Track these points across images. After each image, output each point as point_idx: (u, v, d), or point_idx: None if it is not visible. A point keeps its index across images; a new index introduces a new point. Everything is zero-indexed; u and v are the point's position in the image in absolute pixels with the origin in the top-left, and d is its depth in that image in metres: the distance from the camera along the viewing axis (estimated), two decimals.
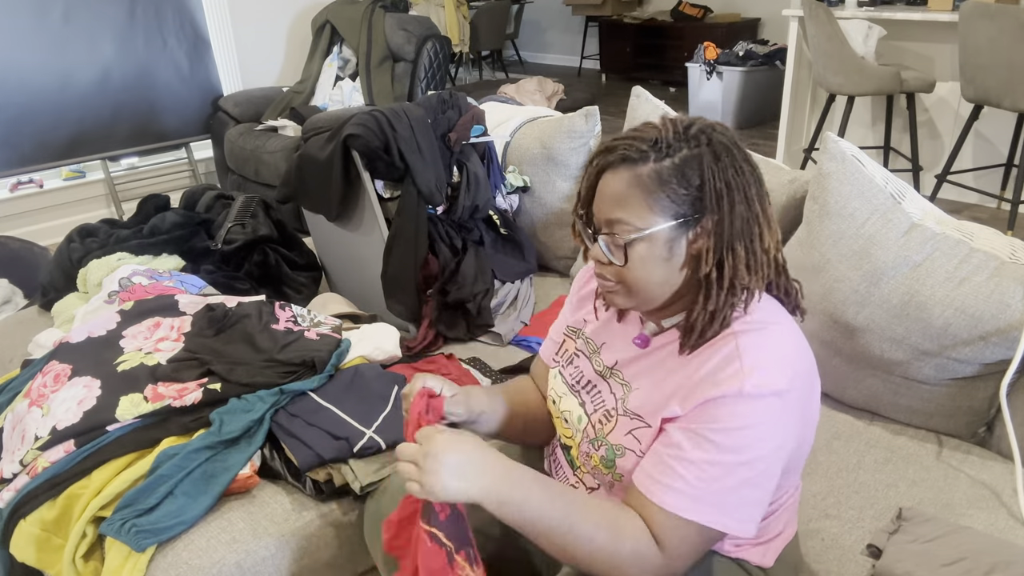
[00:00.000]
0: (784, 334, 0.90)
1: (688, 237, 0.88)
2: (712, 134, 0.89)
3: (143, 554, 1.18)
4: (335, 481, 1.30)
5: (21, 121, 3.42)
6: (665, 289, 0.91)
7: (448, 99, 1.97)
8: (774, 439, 0.86)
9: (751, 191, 0.88)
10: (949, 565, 1.05)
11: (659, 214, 0.87)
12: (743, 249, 0.88)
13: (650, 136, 0.89)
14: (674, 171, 0.87)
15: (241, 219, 2.05)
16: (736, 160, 0.88)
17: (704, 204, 0.87)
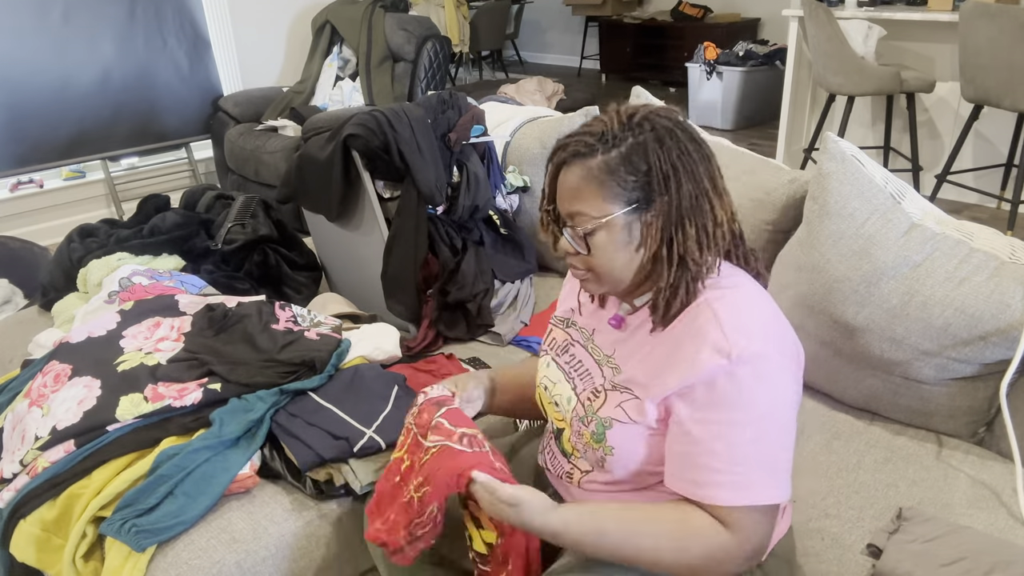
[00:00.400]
0: (752, 294, 0.95)
1: (643, 220, 0.93)
2: (655, 119, 0.93)
3: (143, 554, 1.18)
4: (335, 481, 1.30)
5: (21, 121, 3.42)
6: (629, 272, 0.96)
7: (448, 99, 1.97)
8: (779, 392, 0.90)
9: (698, 169, 0.93)
10: (949, 565, 1.05)
11: (612, 202, 0.92)
12: (692, 226, 0.92)
13: (597, 130, 0.94)
14: (621, 160, 0.92)
15: (241, 219, 2.05)
16: (680, 141, 0.92)
17: (652, 188, 0.92)
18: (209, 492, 1.25)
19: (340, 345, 1.56)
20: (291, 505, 1.31)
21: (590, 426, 1.00)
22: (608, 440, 0.98)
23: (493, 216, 2.02)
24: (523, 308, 1.92)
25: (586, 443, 1.01)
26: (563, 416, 1.07)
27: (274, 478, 1.36)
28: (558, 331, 1.15)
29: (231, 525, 1.25)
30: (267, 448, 1.35)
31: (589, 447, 1.00)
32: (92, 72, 3.56)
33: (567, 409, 1.06)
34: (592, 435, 1.00)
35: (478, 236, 1.98)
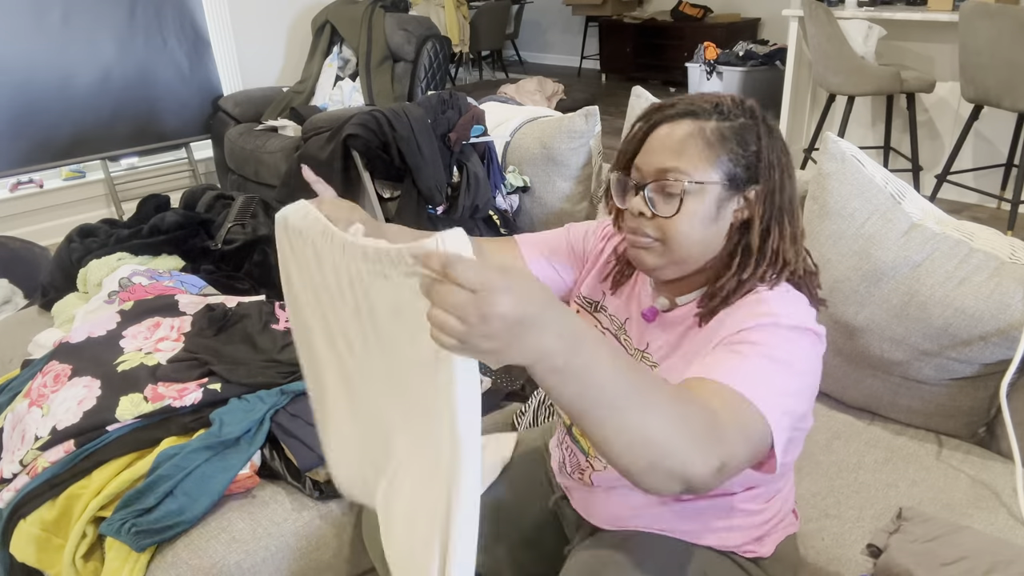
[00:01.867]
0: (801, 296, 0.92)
1: (737, 203, 0.90)
2: (766, 113, 0.93)
3: (143, 554, 1.18)
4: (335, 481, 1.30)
5: (21, 121, 3.42)
6: (702, 252, 0.91)
7: (448, 99, 1.97)
8: (811, 364, 0.86)
9: (794, 174, 0.92)
10: (949, 564, 1.05)
11: (716, 169, 0.89)
12: (788, 223, 0.91)
13: (711, 99, 0.92)
14: (734, 133, 0.89)
15: (241, 219, 2.05)
16: (782, 142, 0.93)
17: (758, 171, 0.90)
18: (209, 492, 1.25)
19: None
20: (291, 505, 1.31)
21: None
22: None
23: (493, 216, 2.02)
24: None
25: None
26: None
27: (274, 478, 1.35)
28: (585, 314, 1.08)
29: (231, 525, 1.25)
30: (267, 448, 1.35)
31: None
32: (92, 72, 3.56)
33: None
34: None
35: (478, 236, 1.98)
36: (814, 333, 0.87)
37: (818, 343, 0.88)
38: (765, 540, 1.02)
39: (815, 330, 0.87)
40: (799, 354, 0.84)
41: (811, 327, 0.87)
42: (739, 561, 1.00)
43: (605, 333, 1.05)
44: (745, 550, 1.00)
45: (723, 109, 0.91)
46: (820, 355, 0.88)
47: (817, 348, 0.87)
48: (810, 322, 0.87)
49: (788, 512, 1.06)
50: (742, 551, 1.00)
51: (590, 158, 2.09)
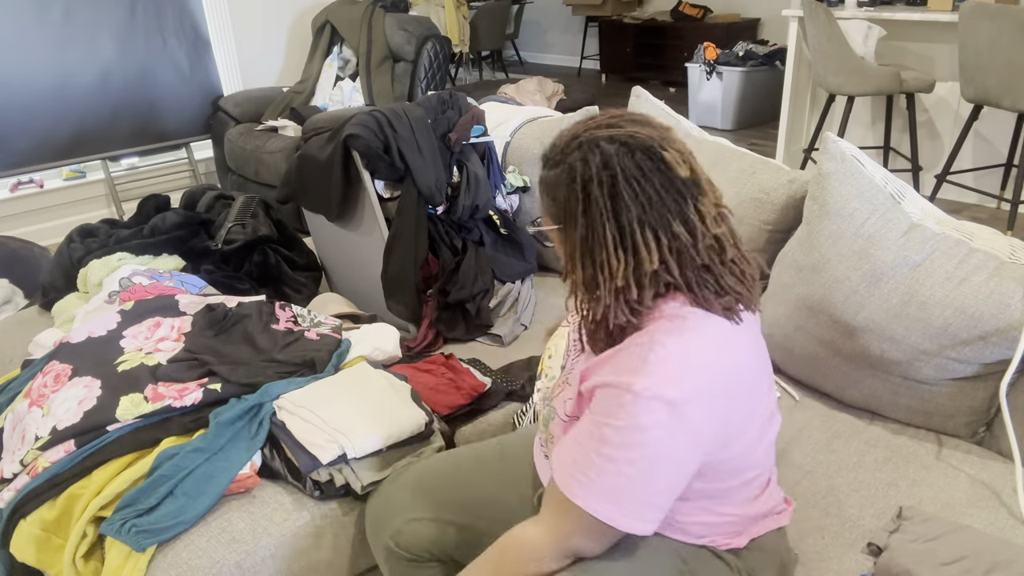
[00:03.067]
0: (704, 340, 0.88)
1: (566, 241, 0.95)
2: (588, 150, 0.89)
3: (143, 554, 1.18)
4: (335, 481, 1.30)
5: (21, 121, 3.42)
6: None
7: (448, 99, 1.97)
8: (667, 447, 0.86)
9: (602, 215, 0.89)
10: (949, 564, 1.05)
11: (549, 215, 0.97)
12: (584, 270, 0.94)
13: (556, 142, 0.95)
14: (549, 183, 0.95)
15: (241, 219, 2.05)
16: (592, 181, 0.89)
17: (563, 219, 0.94)
18: (209, 492, 1.25)
19: (340, 345, 1.56)
20: (291, 505, 1.31)
21: (545, 410, 1.08)
22: (551, 429, 1.05)
23: (493, 216, 2.02)
24: (524, 311, 1.92)
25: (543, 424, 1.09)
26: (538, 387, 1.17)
27: (274, 478, 1.36)
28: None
29: (231, 525, 1.25)
30: (267, 448, 1.35)
31: (543, 430, 1.09)
32: (92, 72, 3.56)
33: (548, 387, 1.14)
34: (544, 420, 1.08)
35: (478, 236, 1.98)
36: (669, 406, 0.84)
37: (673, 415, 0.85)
38: (743, 534, 1.02)
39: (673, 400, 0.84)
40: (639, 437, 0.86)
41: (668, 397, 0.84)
42: (717, 552, 1.01)
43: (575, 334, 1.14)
44: (720, 544, 1.01)
45: (554, 155, 0.94)
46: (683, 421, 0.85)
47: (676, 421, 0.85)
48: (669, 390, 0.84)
49: (770, 510, 1.05)
50: (718, 544, 1.01)
51: None
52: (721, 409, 0.89)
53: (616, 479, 0.87)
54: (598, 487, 0.88)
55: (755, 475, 1.00)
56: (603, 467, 0.88)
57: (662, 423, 0.85)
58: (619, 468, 0.87)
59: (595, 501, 0.89)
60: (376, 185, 1.85)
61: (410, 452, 1.36)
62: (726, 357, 0.89)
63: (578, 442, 0.92)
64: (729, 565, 1.00)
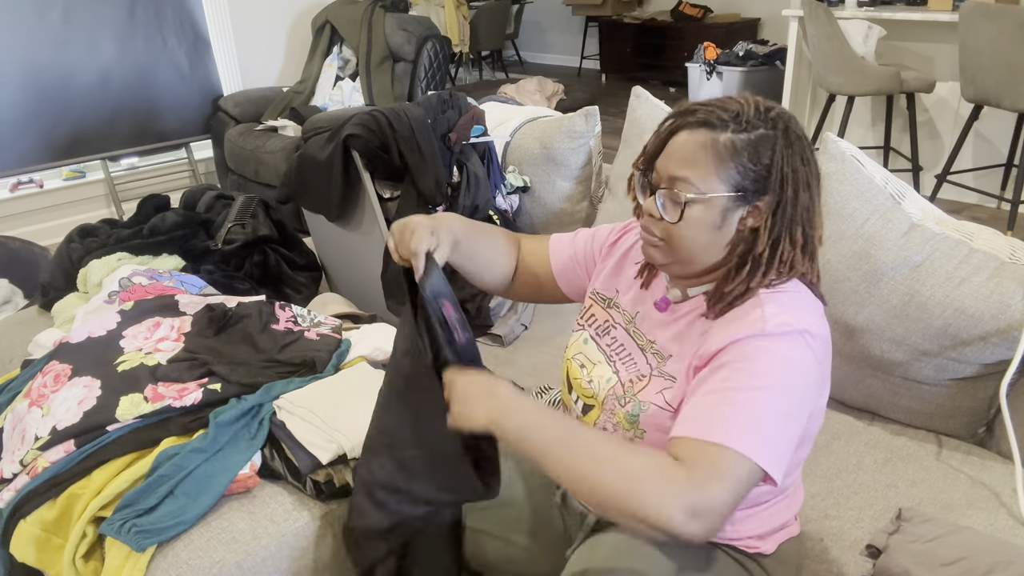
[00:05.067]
0: (807, 300, 0.94)
1: (743, 212, 0.92)
2: (789, 121, 0.93)
3: (143, 554, 1.18)
4: (335, 482, 1.30)
5: (21, 121, 3.42)
6: (706, 255, 0.95)
7: (448, 99, 1.97)
8: (799, 373, 0.87)
9: (813, 182, 0.94)
10: (949, 565, 1.05)
11: (723, 182, 0.91)
12: (801, 234, 0.93)
13: (732, 108, 0.93)
14: (748, 145, 0.90)
15: (241, 219, 2.05)
16: (805, 151, 0.93)
17: (768, 184, 0.91)
18: (209, 492, 1.25)
19: (340, 345, 1.56)
20: (291, 505, 1.31)
21: (626, 407, 1.00)
22: (641, 423, 0.98)
23: (493, 216, 2.02)
24: (524, 311, 1.92)
25: (617, 422, 1.01)
26: (595, 394, 1.06)
27: (274, 478, 1.35)
28: (598, 308, 1.12)
29: (231, 525, 1.25)
30: (267, 448, 1.35)
31: (620, 427, 1.00)
32: (92, 72, 3.56)
33: (603, 389, 1.05)
34: (626, 416, 0.99)
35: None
36: (805, 334, 0.88)
37: (812, 343, 0.88)
38: (768, 538, 1.02)
39: (808, 330, 0.88)
40: (780, 368, 0.86)
41: (802, 327, 0.88)
42: (740, 555, 1.00)
43: (617, 327, 1.08)
44: (746, 544, 1.00)
45: (742, 119, 0.91)
46: (817, 355, 0.89)
47: (809, 350, 0.88)
48: (803, 322, 0.89)
49: (793, 515, 1.06)
50: (743, 545, 1.00)
51: (590, 158, 2.09)
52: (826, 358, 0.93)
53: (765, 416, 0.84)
54: (742, 423, 0.83)
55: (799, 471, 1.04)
56: (747, 401, 0.84)
57: (797, 350, 0.87)
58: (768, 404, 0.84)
59: (740, 435, 0.82)
60: (376, 185, 1.85)
61: None
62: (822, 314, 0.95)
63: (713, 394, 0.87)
64: (750, 572, 1.00)
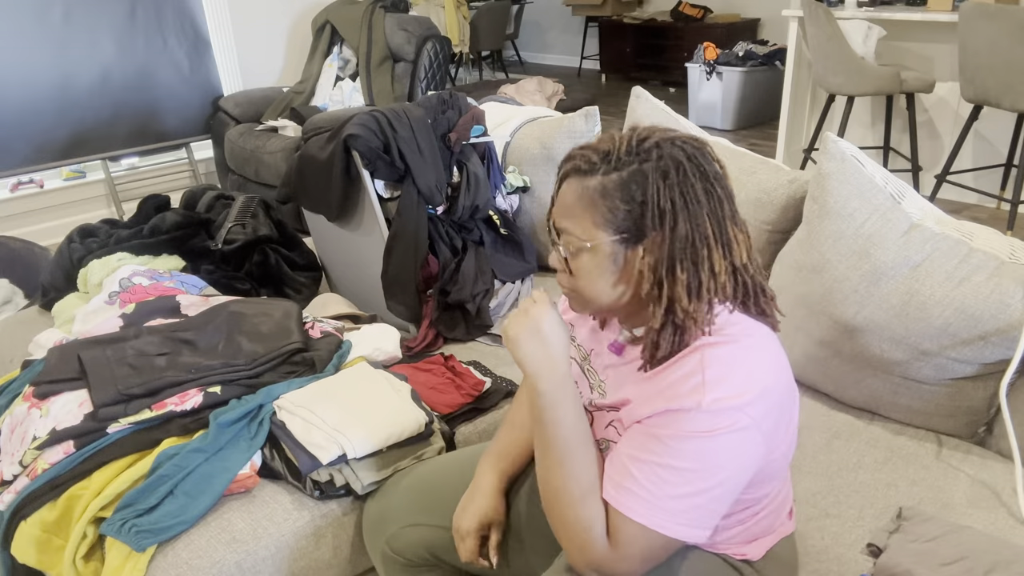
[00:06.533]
0: (755, 348, 0.87)
1: (631, 253, 0.88)
2: (668, 149, 0.87)
3: (143, 554, 1.18)
4: (335, 482, 1.30)
5: (21, 121, 3.42)
6: (614, 300, 0.91)
7: (448, 99, 1.97)
8: (735, 456, 0.84)
9: (702, 211, 0.86)
10: (949, 564, 1.05)
11: (601, 228, 0.87)
12: (684, 272, 0.86)
13: (604, 148, 0.89)
14: (618, 186, 0.86)
15: (241, 219, 2.05)
16: (688, 177, 0.86)
17: (645, 222, 0.86)
18: (209, 492, 1.25)
19: (341, 346, 1.56)
20: (291, 505, 1.31)
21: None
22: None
23: (493, 216, 2.02)
24: None
25: None
26: None
27: (274, 478, 1.36)
28: None
29: (231, 525, 1.25)
30: (267, 448, 1.35)
31: None
32: (92, 72, 3.56)
33: None
34: None
35: (478, 236, 1.98)
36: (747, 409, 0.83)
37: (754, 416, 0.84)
38: (755, 544, 1.02)
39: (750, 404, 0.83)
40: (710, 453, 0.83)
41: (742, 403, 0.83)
42: (731, 562, 1.00)
43: (571, 362, 1.06)
44: (735, 552, 1.00)
45: (611, 158, 0.87)
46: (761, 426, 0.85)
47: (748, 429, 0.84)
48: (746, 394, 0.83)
49: (781, 520, 1.05)
50: (732, 553, 1.00)
51: None
52: (782, 411, 0.89)
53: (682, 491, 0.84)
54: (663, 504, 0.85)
55: (782, 482, 1.01)
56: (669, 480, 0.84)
57: (735, 433, 0.83)
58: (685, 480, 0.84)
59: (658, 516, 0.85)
60: (376, 185, 1.85)
61: (410, 452, 1.36)
62: (777, 359, 0.89)
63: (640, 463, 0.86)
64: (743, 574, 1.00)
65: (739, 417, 0.83)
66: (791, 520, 1.08)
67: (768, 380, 0.86)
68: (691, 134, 0.91)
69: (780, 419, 0.89)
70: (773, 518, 1.02)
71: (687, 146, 0.88)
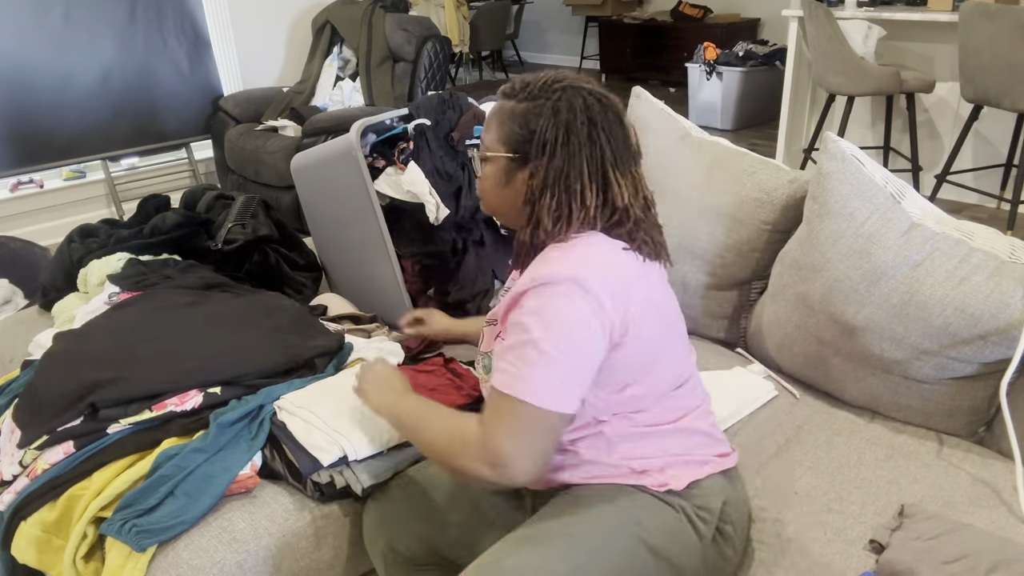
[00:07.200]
0: (591, 243, 1.00)
1: (519, 172, 1.04)
2: (570, 93, 1.01)
3: (143, 554, 1.18)
4: (336, 483, 1.30)
5: (21, 121, 3.42)
6: (506, 210, 1.08)
7: (448, 99, 1.97)
8: (572, 317, 0.94)
9: (581, 150, 1.00)
10: (951, 562, 1.05)
11: (501, 144, 1.05)
12: (553, 199, 1.00)
13: (527, 80, 1.05)
14: (520, 114, 1.03)
15: (241, 219, 2.05)
16: (578, 118, 1.00)
17: (531, 149, 1.02)
18: (210, 492, 1.25)
19: (343, 347, 1.56)
20: (292, 506, 1.31)
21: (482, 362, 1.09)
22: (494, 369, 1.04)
23: (494, 216, 2.02)
24: None
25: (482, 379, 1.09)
26: None
27: (274, 478, 1.35)
28: None
29: (232, 525, 1.25)
30: (268, 448, 1.35)
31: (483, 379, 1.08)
32: (92, 72, 3.56)
33: None
34: (484, 368, 1.08)
35: (478, 236, 1.98)
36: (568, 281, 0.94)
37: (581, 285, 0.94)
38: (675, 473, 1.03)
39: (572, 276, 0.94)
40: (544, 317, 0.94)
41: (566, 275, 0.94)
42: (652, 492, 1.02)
43: None
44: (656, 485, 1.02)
45: (528, 90, 1.03)
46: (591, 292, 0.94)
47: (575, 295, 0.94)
48: (567, 270, 0.95)
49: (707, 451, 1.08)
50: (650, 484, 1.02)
51: None
52: (621, 294, 0.98)
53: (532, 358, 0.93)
54: (524, 373, 0.93)
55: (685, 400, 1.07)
56: (527, 354, 0.94)
57: (571, 298, 0.94)
58: (533, 347, 0.93)
59: (516, 384, 0.93)
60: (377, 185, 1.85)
61: (411, 454, 1.36)
62: (619, 257, 1.01)
63: (503, 347, 0.98)
64: (671, 505, 1.01)
65: (566, 285, 0.94)
66: (725, 459, 1.10)
67: (593, 252, 0.99)
68: (603, 91, 1.04)
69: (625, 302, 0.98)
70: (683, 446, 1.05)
71: (590, 97, 1.02)
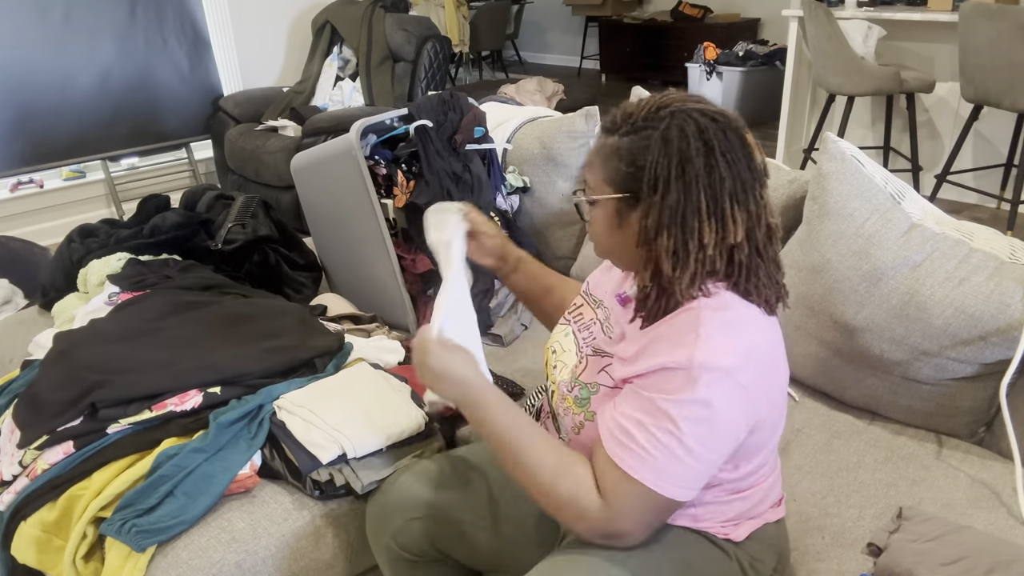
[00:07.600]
0: (746, 318, 0.92)
1: (631, 213, 0.94)
2: (680, 118, 0.90)
3: (143, 554, 1.18)
4: (336, 481, 1.30)
5: (21, 121, 3.42)
6: (619, 254, 0.99)
7: (448, 99, 1.97)
8: (719, 410, 0.87)
9: (697, 183, 0.89)
10: (950, 564, 1.05)
11: (608, 185, 0.95)
12: (670, 238, 0.90)
13: (629, 111, 0.94)
14: (626, 149, 0.92)
15: (241, 219, 2.05)
16: (691, 147, 0.89)
17: (641, 187, 0.91)
18: (209, 492, 1.25)
19: (343, 347, 1.56)
20: (291, 505, 1.31)
21: (573, 391, 1.03)
22: (592, 405, 1.00)
23: (494, 217, 2.02)
24: (524, 311, 1.92)
25: (567, 407, 1.03)
26: (555, 380, 1.11)
27: (274, 478, 1.35)
28: (587, 308, 1.15)
29: (231, 525, 1.25)
30: (267, 448, 1.35)
31: (571, 411, 1.03)
32: (92, 72, 3.56)
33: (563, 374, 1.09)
34: (575, 400, 1.02)
35: None
36: (733, 372, 0.87)
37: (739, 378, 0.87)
38: (739, 526, 1.03)
39: (736, 367, 0.87)
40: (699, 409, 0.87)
41: (729, 364, 0.86)
42: (714, 540, 1.01)
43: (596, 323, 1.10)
44: (718, 532, 1.02)
45: (631, 121, 0.93)
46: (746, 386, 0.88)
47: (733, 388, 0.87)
48: (732, 356, 0.87)
49: (767, 507, 1.06)
50: (715, 533, 1.02)
51: None
52: (767, 378, 0.92)
53: (676, 452, 0.88)
54: (662, 465, 0.88)
55: (771, 463, 1.04)
56: (669, 445, 0.88)
57: (729, 399, 0.87)
58: (679, 441, 0.87)
59: (650, 472, 0.88)
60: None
61: (410, 452, 1.36)
62: (765, 333, 0.93)
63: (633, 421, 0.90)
64: (727, 553, 1.01)
65: (727, 377, 0.87)
66: (779, 508, 1.09)
67: (757, 348, 0.90)
68: (718, 108, 0.93)
69: (768, 385, 0.93)
70: (756, 502, 1.04)
71: (703, 119, 0.90)
